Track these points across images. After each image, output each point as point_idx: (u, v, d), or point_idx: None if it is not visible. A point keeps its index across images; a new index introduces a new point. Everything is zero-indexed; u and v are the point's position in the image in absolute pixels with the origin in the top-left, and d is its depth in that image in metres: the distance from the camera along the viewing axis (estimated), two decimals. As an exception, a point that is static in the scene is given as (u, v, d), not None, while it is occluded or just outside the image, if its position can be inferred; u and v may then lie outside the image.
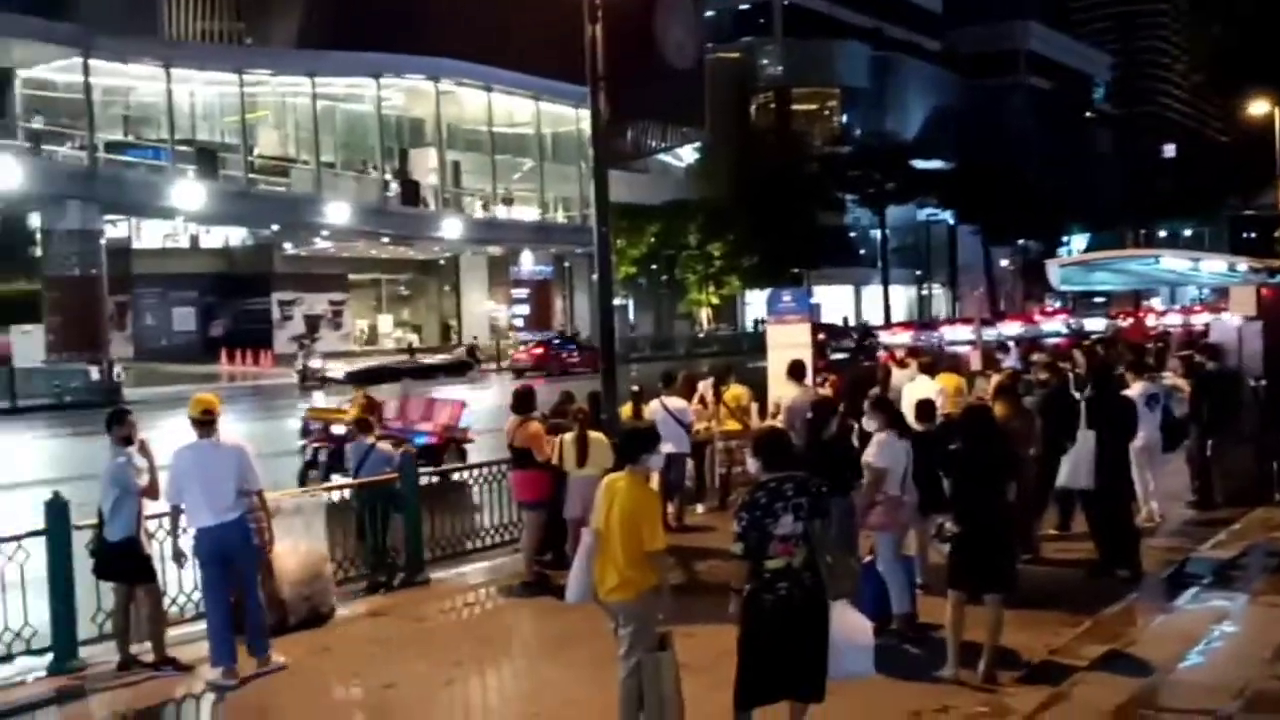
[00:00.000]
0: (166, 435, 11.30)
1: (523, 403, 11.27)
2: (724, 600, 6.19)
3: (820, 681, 6.39)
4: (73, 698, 8.26)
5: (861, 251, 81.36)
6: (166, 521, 8.54)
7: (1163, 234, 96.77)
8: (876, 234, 77.52)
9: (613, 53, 14.08)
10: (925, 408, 9.72)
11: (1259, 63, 34.63)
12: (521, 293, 49.84)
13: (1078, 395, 10.82)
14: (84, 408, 30.63)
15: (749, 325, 68.23)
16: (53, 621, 8.62)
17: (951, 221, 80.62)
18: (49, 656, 8.63)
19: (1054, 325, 64.09)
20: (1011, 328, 58.61)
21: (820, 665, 6.38)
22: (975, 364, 19.87)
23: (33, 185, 37.90)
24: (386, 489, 11.14)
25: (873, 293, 78.71)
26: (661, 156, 71.26)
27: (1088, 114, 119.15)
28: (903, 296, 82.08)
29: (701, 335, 61.97)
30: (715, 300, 64.75)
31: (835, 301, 74.00)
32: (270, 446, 15.84)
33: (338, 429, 15.83)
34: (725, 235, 61.27)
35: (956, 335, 51.27)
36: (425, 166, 51.59)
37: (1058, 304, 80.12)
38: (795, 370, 12.95)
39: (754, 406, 14.86)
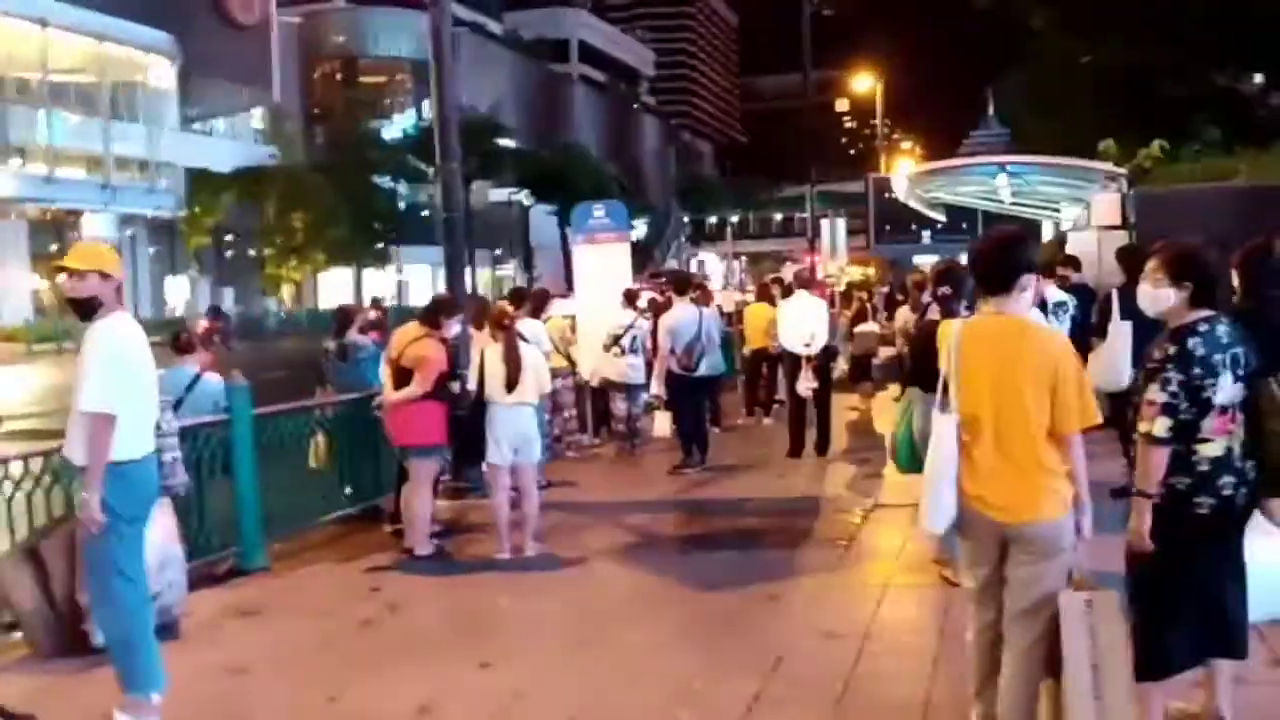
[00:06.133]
0: None
1: (433, 311, 8.20)
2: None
3: (1246, 626, 4.31)
4: None
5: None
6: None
7: (712, 220, 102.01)
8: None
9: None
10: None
11: None
12: (84, 264, 42.80)
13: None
14: None
15: (328, 305, 63.87)
16: None
17: (527, 202, 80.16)
18: None
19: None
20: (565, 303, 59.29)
21: (1245, 603, 4.30)
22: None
23: None
24: (214, 435, 7.73)
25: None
26: (219, 121, 64.86)
27: (635, 105, 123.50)
28: (479, 277, 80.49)
29: (285, 316, 56.98)
30: (297, 277, 59.85)
31: (418, 280, 71.36)
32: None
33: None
34: (307, 207, 56.65)
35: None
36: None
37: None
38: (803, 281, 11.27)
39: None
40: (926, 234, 29.10)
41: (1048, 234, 22.00)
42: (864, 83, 60.45)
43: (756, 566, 7.43)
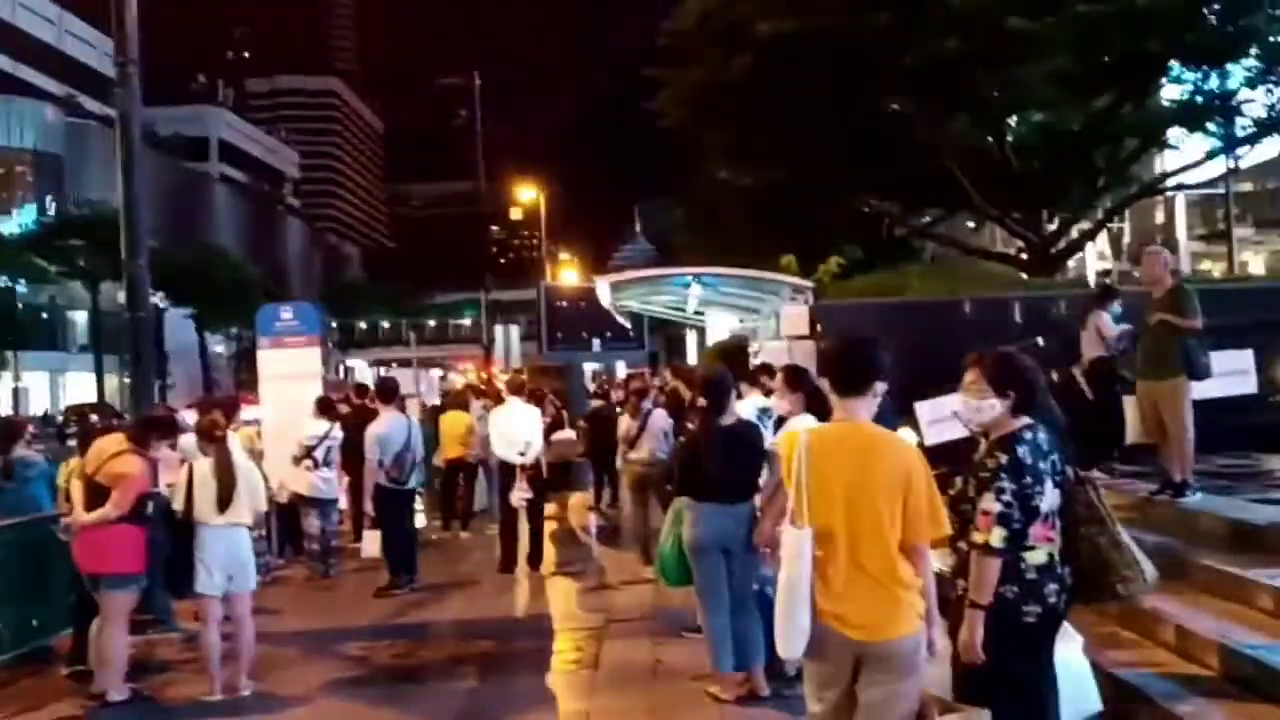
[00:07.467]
0: None
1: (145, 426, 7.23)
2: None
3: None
4: None
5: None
6: None
7: (362, 325, 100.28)
8: (73, 315, 71.02)
9: None
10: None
11: None
12: None
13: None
14: None
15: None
16: None
17: (162, 305, 75.65)
18: None
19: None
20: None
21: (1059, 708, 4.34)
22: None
23: None
24: None
25: (74, 379, 70.86)
26: None
27: (279, 206, 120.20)
28: (106, 383, 74.72)
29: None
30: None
31: (38, 389, 65.70)
32: None
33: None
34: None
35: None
36: None
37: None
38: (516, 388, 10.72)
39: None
40: (597, 342, 29.68)
41: (691, 341, 23.22)
42: (521, 194, 61.65)
43: (506, 697, 6.94)
